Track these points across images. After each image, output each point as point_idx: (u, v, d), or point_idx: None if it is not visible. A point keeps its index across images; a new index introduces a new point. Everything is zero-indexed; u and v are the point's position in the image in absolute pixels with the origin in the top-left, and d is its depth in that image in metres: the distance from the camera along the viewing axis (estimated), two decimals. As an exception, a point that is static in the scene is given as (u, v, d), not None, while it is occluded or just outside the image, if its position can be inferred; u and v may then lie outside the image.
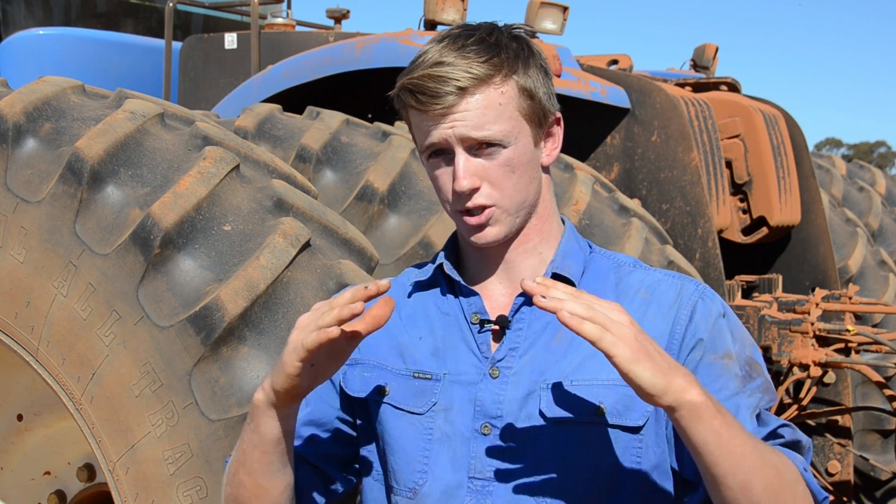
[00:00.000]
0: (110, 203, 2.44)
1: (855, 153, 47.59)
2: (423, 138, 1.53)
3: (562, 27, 4.35)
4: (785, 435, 1.51)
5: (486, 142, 1.50)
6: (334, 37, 4.49)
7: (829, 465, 4.39)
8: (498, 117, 1.49)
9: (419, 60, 1.52)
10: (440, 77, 1.47)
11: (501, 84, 1.50)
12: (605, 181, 3.59)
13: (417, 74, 1.49)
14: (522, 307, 1.56)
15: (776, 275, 4.39)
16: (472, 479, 1.52)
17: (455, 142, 1.50)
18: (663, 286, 1.58)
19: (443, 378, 1.56)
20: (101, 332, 2.39)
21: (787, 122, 4.56)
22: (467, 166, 1.50)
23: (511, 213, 1.54)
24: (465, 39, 1.50)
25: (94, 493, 2.96)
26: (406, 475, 1.57)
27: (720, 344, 1.53)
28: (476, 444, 1.53)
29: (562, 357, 1.53)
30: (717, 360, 1.52)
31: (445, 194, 1.54)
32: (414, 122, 1.54)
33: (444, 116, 1.49)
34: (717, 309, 1.56)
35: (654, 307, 1.55)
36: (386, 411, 1.59)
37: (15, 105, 2.58)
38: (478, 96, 1.48)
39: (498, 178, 1.51)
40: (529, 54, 1.54)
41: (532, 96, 1.53)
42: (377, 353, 1.62)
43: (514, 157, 1.51)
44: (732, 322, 1.58)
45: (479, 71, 1.48)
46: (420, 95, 1.49)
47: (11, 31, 5.01)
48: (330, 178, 3.17)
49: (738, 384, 1.51)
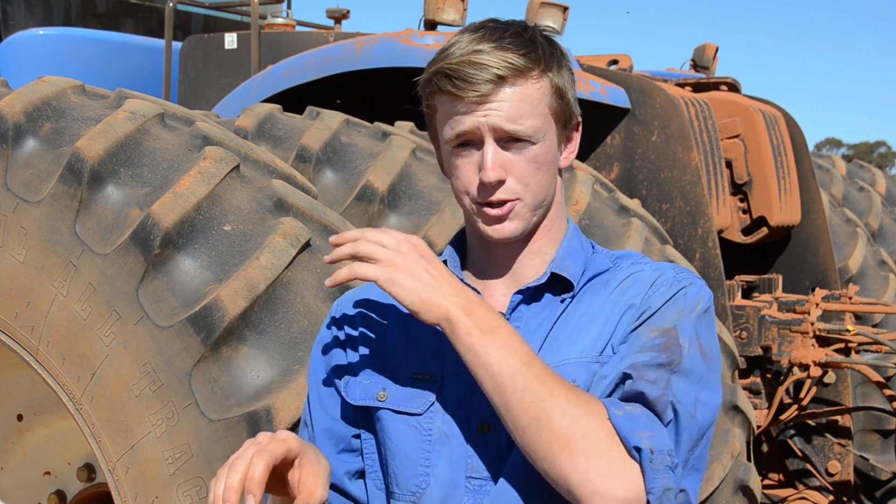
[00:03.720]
0: (110, 203, 2.44)
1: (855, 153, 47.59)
2: (452, 125, 1.51)
3: (562, 27, 4.35)
4: (625, 386, 1.42)
5: (516, 136, 1.49)
6: (334, 37, 4.49)
7: (829, 465, 4.40)
8: (531, 112, 1.49)
9: (452, 48, 1.50)
10: (479, 64, 1.46)
11: (538, 79, 1.50)
12: (605, 181, 3.59)
13: (456, 60, 1.48)
14: (520, 305, 1.56)
15: (776, 275, 4.39)
16: (469, 479, 1.52)
17: (486, 131, 1.49)
18: (647, 272, 1.57)
19: (441, 378, 1.56)
20: (101, 332, 2.39)
21: (787, 122, 4.56)
22: (496, 158, 1.49)
23: (531, 210, 1.53)
24: (502, 32, 1.50)
25: (94, 493, 2.96)
26: (408, 479, 1.56)
27: (659, 320, 1.48)
28: (473, 444, 1.52)
29: (556, 353, 1.52)
30: (647, 330, 1.47)
31: (467, 185, 1.53)
32: (444, 108, 1.52)
33: (479, 104, 1.48)
34: (683, 294, 1.51)
35: (632, 290, 1.54)
36: (386, 416, 1.58)
37: (15, 105, 2.58)
38: (515, 88, 1.48)
39: (523, 174, 1.51)
40: (561, 55, 1.54)
41: (563, 96, 1.53)
42: (377, 357, 1.61)
43: (541, 154, 1.51)
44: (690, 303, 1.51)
45: (518, 62, 1.47)
46: (457, 80, 1.47)
47: (11, 31, 5.01)
48: (330, 178, 3.17)
49: (647, 350, 1.44)
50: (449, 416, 1.54)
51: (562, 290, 1.57)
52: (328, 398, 1.65)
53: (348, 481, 1.65)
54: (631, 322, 1.51)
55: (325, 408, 1.65)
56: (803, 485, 4.46)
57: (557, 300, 1.56)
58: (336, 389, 1.64)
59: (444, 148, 1.55)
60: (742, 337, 3.84)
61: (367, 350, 1.61)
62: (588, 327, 1.53)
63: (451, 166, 1.55)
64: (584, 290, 1.57)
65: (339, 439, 1.65)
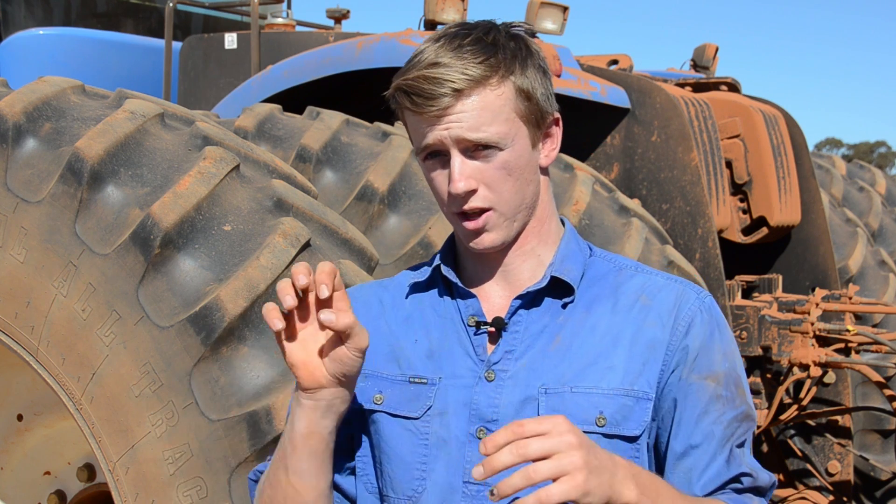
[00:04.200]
0: (110, 203, 2.44)
1: (855, 153, 47.58)
2: (419, 140, 1.51)
3: (562, 27, 4.35)
4: (743, 482, 1.52)
5: (481, 144, 1.47)
6: (334, 37, 4.49)
7: (829, 465, 4.39)
8: (494, 119, 1.47)
9: (415, 60, 1.49)
10: (435, 78, 1.45)
11: (498, 85, 1.47)
12: (605, 181, 3.59)
13: (413, 75, 1.47)
14: (519, 310, 1.55)
15: (776, 275, 4.39)
16: (467, 484, 1.51)
17: (450, 143, 1.47)
18: (664, 292, 1.56)
19: (438, 382, 1.55)
20: (101, 332, 2.39)
21: (787, 122, 4.56)
22: (462, 168, 1.48)
23: (509, 218, 1.52)
24: (462, 39, 1.48)
25: (94, 493, 2.96)
26: (404, 483, 1.55)
27: (708, 362, 1.52)
28: (471, 449, 1.51)
29: (560, 361, 1.52)
30: (701, 380, 1.50)
31: (442, 196, 1.52)
32: (409, 123, 1.52)
33: (440, 118, 1.46)
34: (714, 324, 1.55)
35: (653, 314, 1.54)
36: (381, 419, 1.58)
37: (15, 105, 2.58)
38: (473, 98, 1.46)
39: (494, 181, 1.49)
40: (527, 54, 1.51)
41: (529, 97, 1.50)
42: (372, 361, 1.59)
43: (511, 159, 1.49)
44: (726, 338, 1.56)
45: (474, 72, 1.45)
46: (415, 97, 1.47)
47: (11, 31, 5.01)
48: (330, 178, 3.17)
49: (719, 408, 1.51)
50: (446, 421, 1.53)
51: (561, 294, 1.56)
52: None
53: (340, 477, 1.64)
54: (669, 363, 1.51)
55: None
56: (803, 485, 4.46)
57: (558, 304, 1.55)
58: None
59: (418, 159, 1.55)
60: (742, 337, 3.84)
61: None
62: (610, 351, 1.52)
63: (426, 178, 1.55)
64: (587, 295, 1.56)
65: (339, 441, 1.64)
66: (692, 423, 1.49)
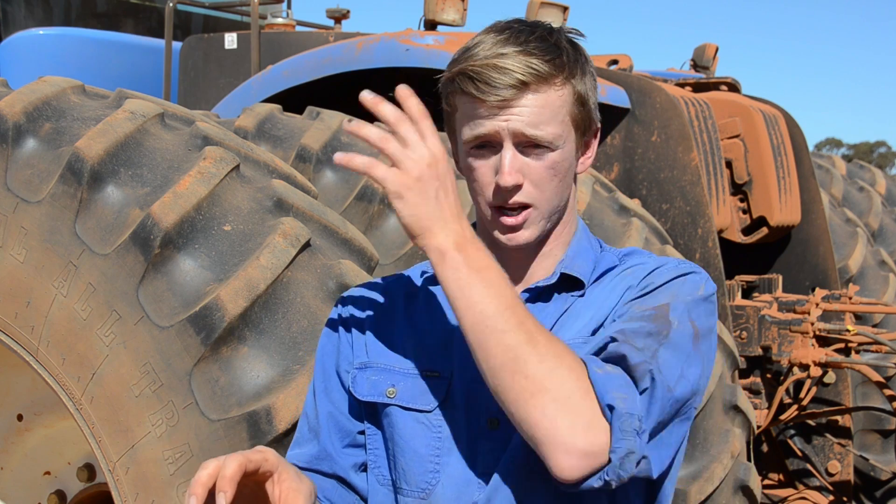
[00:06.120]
0: (110, 203, 2.44)
1: (855, 153, 47.59)
2: (471, 127, 1.50)
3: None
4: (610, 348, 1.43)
5: (536, 141, 1.49)
6: (334, 37, 4.49)
7: (829, 465, 4.40)
8: (552, 118, 1.48)
9: (476, 49, 1.49)
10: (503, 68, 1.45)
11: (561, 86, 1.49)
12: (605, 181, 3.59)
13: (479, 62, 1.47)
14: (527, 303, 1.56)
15: (776, 275, 4.39)
16: (483, 475, 1.52)
17: (507, 135, 1.48)
18: (650, 261, 1.58)
19: (450, 375, 1.56)
20: (101, 332, 2.39)
21: (787, 122, 4.56)
22: (514, 162, 1.49)
23: (545, 217, 1.53)
24: (528, 35, 1.49)
25: (94, 493, 2.96)
26: (417, 475, 1.56)
27: (655, 296, 1.49)
28: (484, 440, 1.52)
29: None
30: (638, 302, 1.49)
31: (483, 188, 1.52)
32: (464, 109, 1.51)
33: (501, 109, 1.47)
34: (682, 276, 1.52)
35: (632, 276, 1.55)
36: (394, 412, 1.58)
37: (15, 105, 2.58)
38: (537, 94, 1.47)
39: (540, 180, 1.50)
40: (585, 61, 1.53)
41: (584, 103, 1.52)
42: (384, 354, 1.61)
43: (560, 160, 1.51)
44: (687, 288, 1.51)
45: (541, 68, 1.46)
46: (480, 83, 1.46)
47: (11, 31, 5.01)
48: (330, 178, 3.17)
49: (637, 323, 1.45)
50: (458, 413, 1.54)
51: (572, 289, 1.57)
52: (335, 391, 1.65)
53: (354, 474, 1.65)
54: (627, 301, 1.51)
55: (332, 400, 1.65)
56: (803, 485, 4.47)
57: (566, 297, 1.57)
58: (342, 383, 1.64)
59: (462, 148, 1.55)
60: (742, 337, 3.84)
61: (374, 345, 1.61)
62: (584, 313, 1.54)
63: (467, 167, 1.54)
64: (592, 287, 1.58)
65: (345, 433, 1.65)
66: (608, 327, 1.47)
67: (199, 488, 1.33)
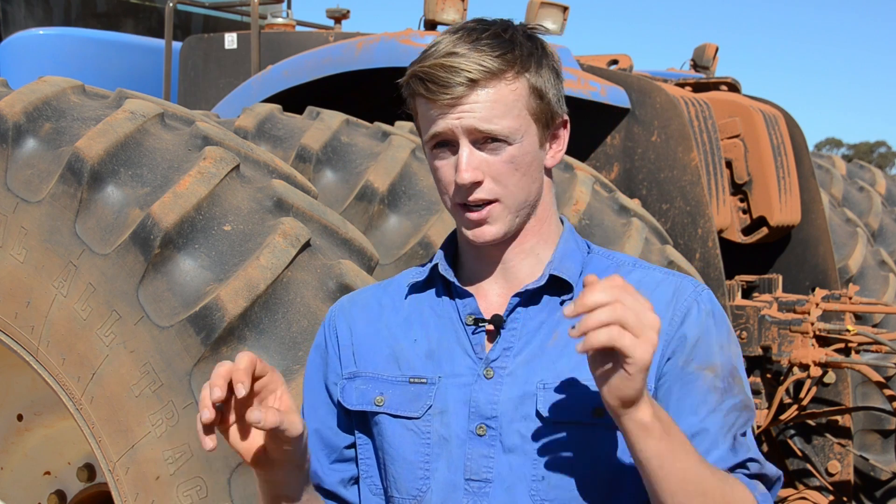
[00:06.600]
0: (110, 203, 2.44)
1: (855, 153, 47.59)
2: (428, 127, 1.52)
3: (562, 27, 4.35)
4: (750, 468, 1.51)
5: (491, 136, 1.49)
6: (334, 37, 4.49)
7: (829, 465, 4.40)
8: (506, 113, 1.49)
9: (431, 50, 1.51)
10: (451, 67, 1.47)
11: (513, 81, 1.49)
12: (605, 181, 3.59)
13: (429, 63, 1.48)
14: (518, 307, 1.56)
15: (776, 275, 4.39)
16: (469, 481, 1.52)
17: (461, 133, 1.49)
18: (662, 286, 1.56)
19: (438, 381, 1.56)
20: (101, 332, 2.39)
21: (787, 122, 4.56)
22: (470, 159, 1.49)
23: (511, 212, 1.53)
24: (480, 33, 1.50)
25: (94, 493, 2.96)
26: (408, 483, 1.56)
27: (705, 353, 1.51)
28: (472, 446, 1.52)
29: (558, 358, 1.52)
30: (700, 371, 1.50)
31: (446, 186, 1.53)
32: (421, 110, 1.53)
33: (452, 107, 1.48)
34: (711, 315, 1.55)
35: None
36: (383, 421, 1.58)
37: (15, 105, 2.58)
38: (488, 90, 1.48)
39: (501, 175, 1.51)
40: (543, 54, 1.53)
41: (542, 97, 1.52)
42: (373, 363, 1.61)
43: (519, 154, 1.51)
44: (723, 329, 1.56)
45: (491, 65, 1.47)
46: (430, 84, 1.48)
47: (11, 31, 5.01)
48: (330, 178, 3.17)
49: (716, 398, 1.50)
50: (447, 419, 1.54)
51: (560, 292, 1.56)
52: (322, 406, 1.66)
53: (343, 489, 1.66)
54: (665, 352, 1.51)
55: (318, 417, 1.66)
56: (803, 485, 4.47)
57: (556, 301, 1.56)
58: (330, 397, 1.65)
59: (425, 149, 1.56)
60: (742, 337, 3.84)
61: (363, 355, 1.62)
62: None
63: (432, 167, 1.56)
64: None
65: (332, 449, 1.66)
66: (691, 412, 1.49)
67: (220, 380, 1.38)
